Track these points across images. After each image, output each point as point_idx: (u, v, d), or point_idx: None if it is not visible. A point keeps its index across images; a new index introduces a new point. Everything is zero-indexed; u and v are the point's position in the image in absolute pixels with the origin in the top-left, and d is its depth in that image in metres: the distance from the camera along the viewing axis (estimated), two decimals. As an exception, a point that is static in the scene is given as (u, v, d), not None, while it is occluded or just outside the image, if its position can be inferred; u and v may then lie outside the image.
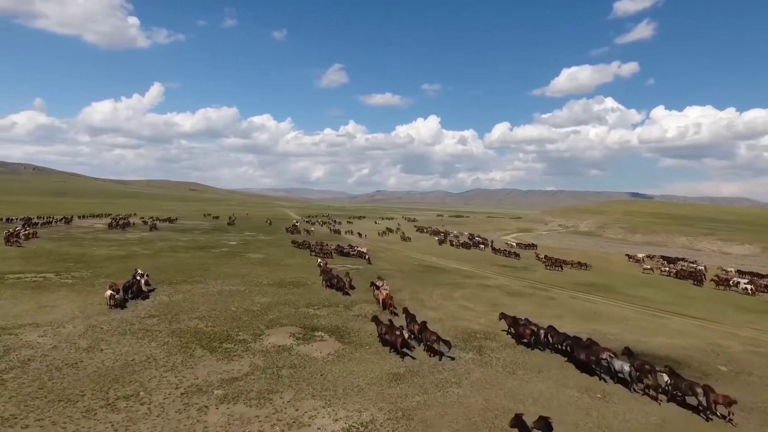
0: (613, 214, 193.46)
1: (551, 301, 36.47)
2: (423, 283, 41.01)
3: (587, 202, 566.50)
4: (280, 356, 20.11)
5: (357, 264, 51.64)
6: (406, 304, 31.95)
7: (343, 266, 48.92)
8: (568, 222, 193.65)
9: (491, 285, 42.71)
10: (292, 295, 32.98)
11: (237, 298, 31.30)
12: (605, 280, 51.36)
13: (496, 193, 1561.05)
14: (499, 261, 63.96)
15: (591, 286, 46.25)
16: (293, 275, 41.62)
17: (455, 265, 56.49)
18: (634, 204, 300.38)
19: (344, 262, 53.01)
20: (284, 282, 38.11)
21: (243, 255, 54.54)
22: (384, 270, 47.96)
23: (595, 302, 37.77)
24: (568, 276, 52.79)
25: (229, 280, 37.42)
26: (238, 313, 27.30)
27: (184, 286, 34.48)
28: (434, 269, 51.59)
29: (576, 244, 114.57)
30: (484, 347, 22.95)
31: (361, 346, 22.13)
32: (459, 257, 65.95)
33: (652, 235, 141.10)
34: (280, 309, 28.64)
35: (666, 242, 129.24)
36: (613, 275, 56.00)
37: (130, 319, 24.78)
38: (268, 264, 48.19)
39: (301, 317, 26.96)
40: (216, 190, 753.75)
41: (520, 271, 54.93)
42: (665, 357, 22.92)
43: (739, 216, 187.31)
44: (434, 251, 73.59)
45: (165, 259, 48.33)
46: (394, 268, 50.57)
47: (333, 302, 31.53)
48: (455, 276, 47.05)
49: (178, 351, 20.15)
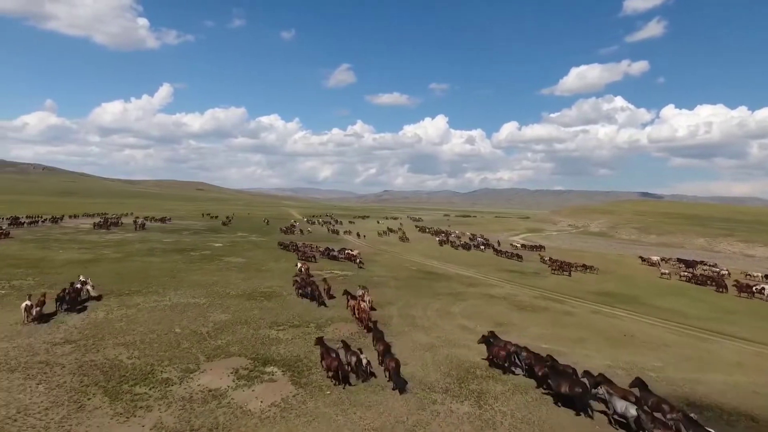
0: (624, 214, 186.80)
1: (569, 318, 30.67)
2: (418, 294, 35.48)
3: (596, 201, 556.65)
4: (203, 409, 14.67)
5: (347, 269, 46.23)
6: (394, 321, 26.57)
7: (329, 272, 43.56)
8: (578, 222, 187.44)
9: (497, 295, 37.00)
10: (258, 311, 27.63)
11: (190, 314, 26.02)
12: (625, 288, 45.48)
13: (503, 193, 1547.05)
14: (506, 265, 58.17)
15: (611, 296, 40.45)
16: (270, 283, 36.30)
17: (457, 270, 50.85)
18: (645, 204, 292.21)
19: (333, 266, 47.65)
20: (256, 292, 32.77)
21: (223, 259, 49.38)
22: (376, 277, 42.54)
23: (622, 318, 31.94)
24: (583, 283, 46.96)
25: (191, 291, 32.19)
26: (180, 336, 21.99)
27: (135, 298, 29.28)
28: (433, 276, 45.98)
29: (588, 245, 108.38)
30: (486, 393, 17.25)
31: (320, 390, 16.61)
32: (462, 261, 60.28)
33: (667, 235, 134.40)
34: (235, 331, 23.29)
35: (682, 243, 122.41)
36: (632, 282, 50.02)
37: (37, 346, 19.59)
38: (246, 269, 42.95)
39: (257, 343, 21.56)
40: (223, 190, 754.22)
41: (530, 277, 49.14)
42: (734, 409, 17.08)
43: (755, 216, 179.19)
44: (435, 254, 67.99)
45: (132, 263, 43.26)
46: (388, 274, 45.08)
47: (304, 320, 26.12)
48: (456, 284, 41.44)
49: (68, 400, 14.84)
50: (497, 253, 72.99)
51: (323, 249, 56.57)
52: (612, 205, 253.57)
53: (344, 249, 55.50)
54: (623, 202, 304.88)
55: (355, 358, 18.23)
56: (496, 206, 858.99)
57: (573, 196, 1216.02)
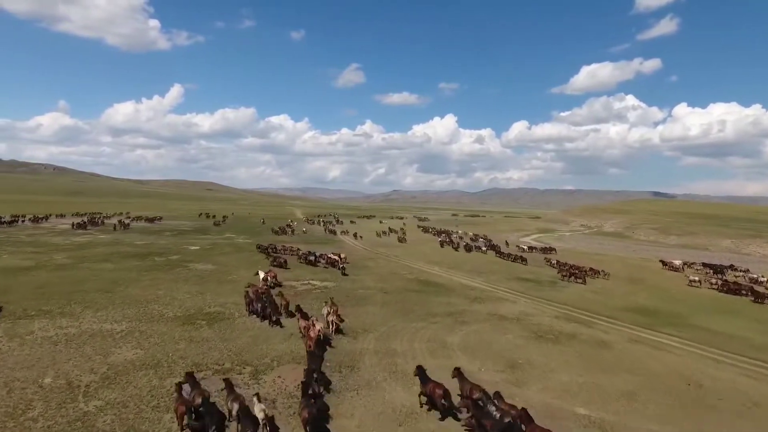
0: (639, 213, 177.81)
1: (606, 353, 22.91)
2: (408, 314, 28.13)
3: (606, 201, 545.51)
4: None
5: (328, 278, 39.01)
6: (366, 361, 19.40)
7: (306, 282, 36.46)
8: (591, 222, 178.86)
9: (508, 316, 29.46)
10: (185, 344, 20.54)
11: (88, 350, 19.04)
12: (661, 301, 37.76)
13: (513, 193, 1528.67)
14: (518, 272, 50.55)
15: (648, 314, 32.76)
16: (224, 300, 29.22)
17: (461, 279, 43.46)
18: (659, 203, 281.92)
19: (312, 274, 40.46)
20: (199, 314, 25.70)
21: (188, 265, 42.49)
22: (361, 289, 35.26)
23: (673, 351, 24.25)
24: (608, 294, 39.27)
25: (118, 311, 25.24)
26: (43, 392, 14.95)
27: (36, 321, 22.40)
28: (431, 286, 38.55)
29: (604, 247, 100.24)
30: None
31: None
32: (467, 266, 52.82)
33: (688, 236, 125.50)
34: (131, 381, 16.18)
35: (706, 245, 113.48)
36: (667, 293, 42.17)
37: None
38: (207, 280, 35.97)
39: (148, 408, 14.40)
40: (232, 189, 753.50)
41: (546, 287, 41.55)
42: None
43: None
44: (437, 257, 60.64)
45: (75, 272, 36.47)
46: (376, 284, 37.76)
47: (242, 359, 18.96)
48: (458, 298, 33.97)
49: None
50: (500, 255, 66.17)
51: (303, 253, 49.50)
52: (625, 204, 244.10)
53: (324, 254, 48.48)
54: (637, 201, 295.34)
55: (237, 405, 11.71)
56: (506, 206, 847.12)
57: (583, 196, 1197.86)
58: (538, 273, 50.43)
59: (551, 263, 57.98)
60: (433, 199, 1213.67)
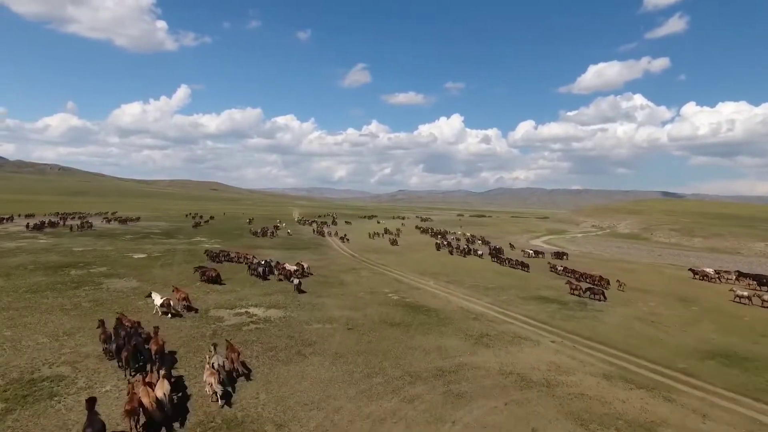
0: (653, 213, 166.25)
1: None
2: (372, 377, 17.51)
3: (615, 201, 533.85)
4: None
5: (279, 302, 28.56)
6: None
7: (242, 311, 26.06)
8: (603, 222, 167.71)
9: (533, 377, 18.43)
10: None
11: None
12: (739, 337, 26.76)
13: (519, 193, 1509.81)
14: (535, 286, 39.82)
15: (734, 361, 21.95)
16: (94, 348, 19.00)
17: (461, 299, 32.95)
18: (672, 203, 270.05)
19: (260, 294, 30.09)
20: (19, 383, 15.44)
21: (103, 283, 32.13)
22: (316, 324, 24.62)
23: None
24: (664, 326, 28.36)
25: None
26: None
27: None
28: (419, 315, 27.75)
29: (625, 251, 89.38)
30: None
31: None
32: (469, 278, 42.23)
33: (714, 239, 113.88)
34: None
35: (737, 248, 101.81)
36: (737, 321, 31.20)
37: None
38: (104, 307, 25.36)
39: None
40: (237, 189, 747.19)
41: (577, 311, 30.81)
42: None
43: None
44: (432, 264, 50.39)
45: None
46: (342, 313, 27.13)
47: None
48: (455, 339, 23.22)
49: None
50: (497, 260, 56.16)
51: (258, 262, 39.20)
52: (637, 204, 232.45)
53: (282, 264, 38.38)
54: (649, 201, 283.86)
55: None
56: (512, 206, 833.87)
57: (591, 196, 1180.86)
58: (559, 288, 39.64)
59: (556, 270, 48.68)
60: (440, 199, 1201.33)
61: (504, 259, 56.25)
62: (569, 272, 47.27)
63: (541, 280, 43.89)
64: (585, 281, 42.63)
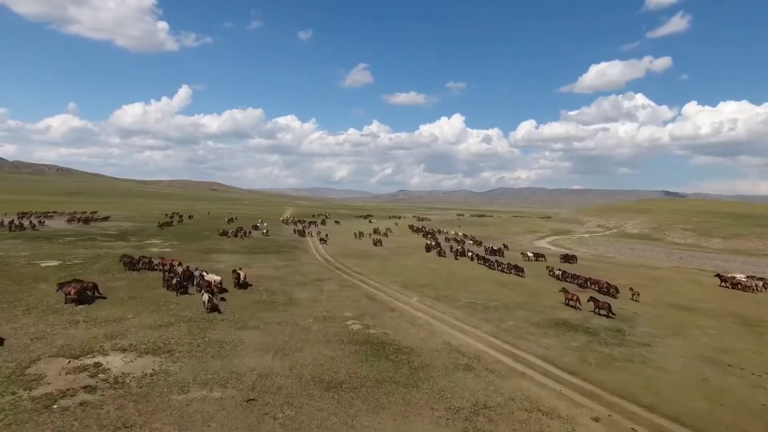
0: (660, 212, 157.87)
1: None
2: None
3: (616, 200, 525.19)
4: None
5: (173, 339, 19.40)
6: None
7: (69, 374, 16.86)
8: (608, 222, 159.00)
9: None
10: None
11: None
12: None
13: (521, 192, 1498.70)
14: (549, 304, 30.58)
15: None
16: None
17: (451, 327, 23.98)
18: (679, 202, 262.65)
19: (152, 329, 20.86)
20: None
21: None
22: (211, 377, 15.76)
23: None
24: (740, 370, 19.17)
25: None
26: None
27: None
28: (379, 362, 18.92)
29: (640, 253, 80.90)
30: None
31: None
32: (464, 292, 33.80)
33: (734, 239, 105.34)
34: None
35: (763, 250, 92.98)
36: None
37: None
38: None
39: None
40: (237, 189, 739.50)
41: (615, 348, 21.79)
42: None
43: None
44: (420, 274, 42.18)
45: None
46: (261, 359, 18.52)
47: None
48: (425, 422, 13.90)
49: None
50: (485, 262, 49.90)
51: (169, 274, 30.18)
52: (642, 203, 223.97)
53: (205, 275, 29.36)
54: (653, 200, 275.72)
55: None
56: (514, 206, 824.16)
57: (592, 195, 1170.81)
58: (589, 321, 28.37)
59: (553, 273, 43.71)
60: (441, 199, 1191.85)
61: (494, 262, 48.76)
62: (570, 277, 41.55)
63: (553, 293, 34.51)
64: (590, 288, 37.02)
